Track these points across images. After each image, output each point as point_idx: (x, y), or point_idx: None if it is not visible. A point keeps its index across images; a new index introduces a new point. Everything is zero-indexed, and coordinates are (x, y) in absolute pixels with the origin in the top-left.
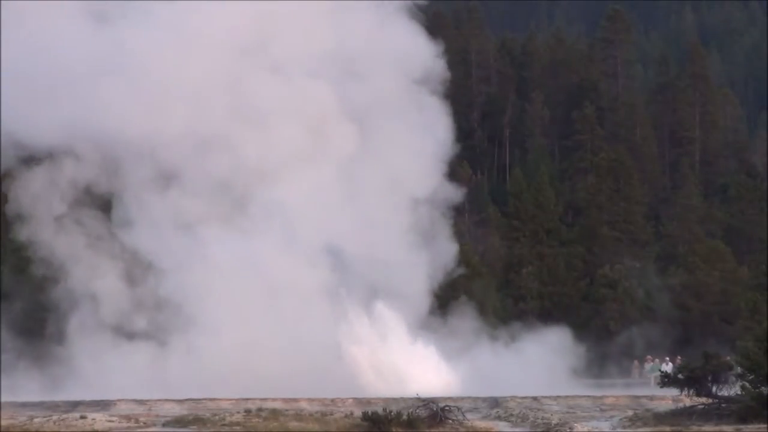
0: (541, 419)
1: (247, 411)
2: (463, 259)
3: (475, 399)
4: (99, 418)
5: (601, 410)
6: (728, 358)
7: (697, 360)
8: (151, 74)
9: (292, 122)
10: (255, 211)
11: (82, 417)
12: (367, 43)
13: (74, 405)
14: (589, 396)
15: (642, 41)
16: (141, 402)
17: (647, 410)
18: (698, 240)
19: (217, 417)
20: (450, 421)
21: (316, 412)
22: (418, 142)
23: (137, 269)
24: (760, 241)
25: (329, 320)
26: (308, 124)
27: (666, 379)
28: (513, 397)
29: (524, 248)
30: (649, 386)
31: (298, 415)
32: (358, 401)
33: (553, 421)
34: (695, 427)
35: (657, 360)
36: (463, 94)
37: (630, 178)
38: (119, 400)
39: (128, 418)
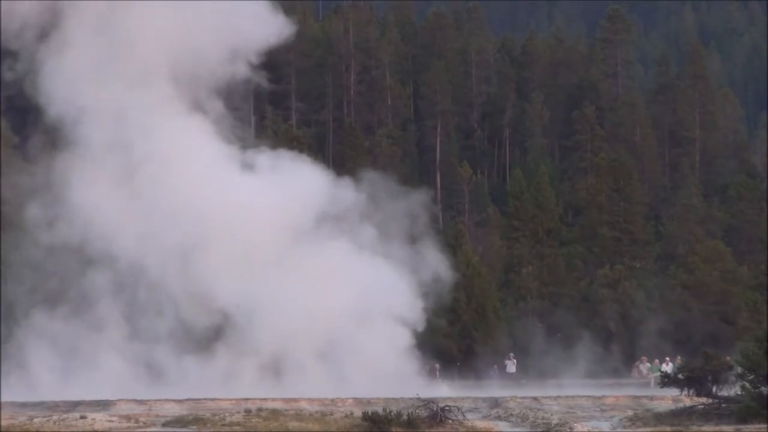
0: (541, 419)
1: (247, 411)
2: (463, 259)
3: (475, 399)
4: (99, 418)
5: (601, 410)
6: (728, 358)
7: (697, 360)
8: None
9: None
10: None
11: (82, 417)
12: None
13: (74, 405)
14: (589, 396)
15: (642, 41)
16: (141, 402)
17: (647, 410)
18: (698, 240)
19: (217, 417)
20: (450, 421)
21: (316, 412)
22: None
23: None
24: (760, 241)
25: None
26: None
27: (666, 379)
28: (513, 397)
29: (524, 248)
30: (649, 386)
31: (298, 415)
32: (358, 401)
33: (553, 421)
34: (695, 427)
35: (657, 361)
36: (463, 94)
37: (630, 178)
38: (119, 400)
39: (128, 418)
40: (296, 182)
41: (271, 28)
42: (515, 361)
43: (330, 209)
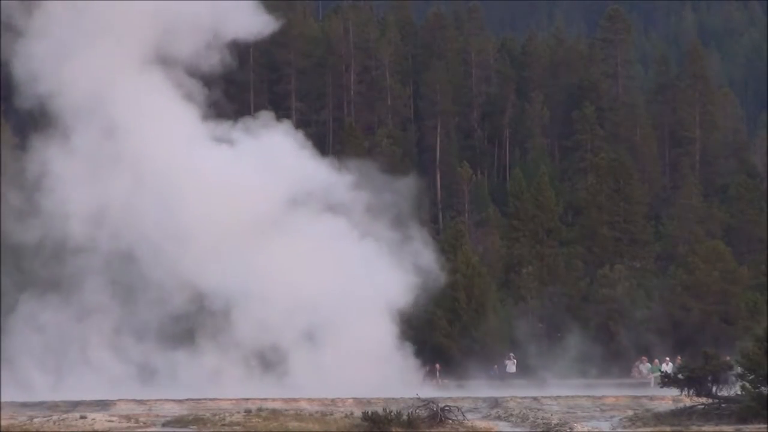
0: (541, 419)
1: (247, 411)
2: (463, 259)
3: (475, 399)
4: (99, 418)
5: (601, 410)
6: (728, 358)
7: (697, 360)
8: None
9: None
10: None
11: (82, 417)
12: None
13: (74, 405)
14: (589, 396)
15: (642, 41)
16: (141, 402)
17: (647, 410)
18: (698, 240)
19: (217, 417)
20: (450, 421)
21: (316, 412)
22: None
23: None
24: (760, 241)
25: None
26: None
27: (666, 379)
28: (513, 397)
29: (524, 248)
30: (649, 386)
31: (298, 415)
32: (358, 401)
33: (553, 421)
34: (695, 427)
35: (657, 361)
36: (463, 94)
37: (630, 178)
38: (119, 400)
39: (128, 418)
40: (277, 157)
41: (253, 23)
42: (515, 360)
43: (314, 187)
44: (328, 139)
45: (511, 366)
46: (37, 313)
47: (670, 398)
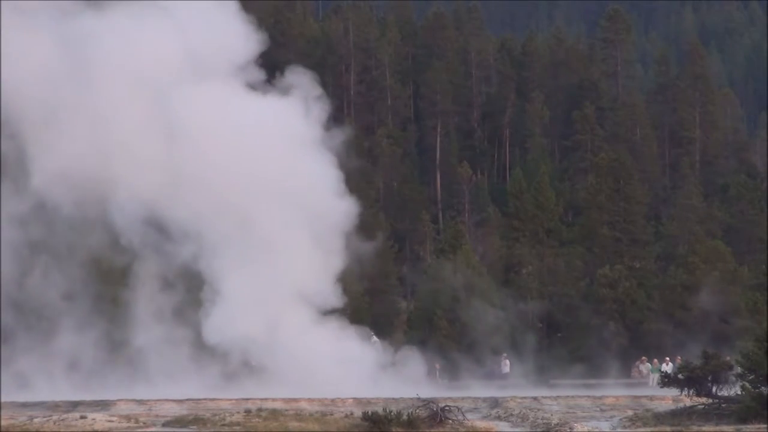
0: (541, 419)
1: (247, 411)
2: (464, 259)
3: (475, 399)
4: (99, 418)
5: (601, 410)
6: (728, 358)
7: (697, 360)
8: None
9: None
10: None
11: (82, 417)
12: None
13: (74, 405)
14: (589, 396)
15: (642, 41)
16: (141, 402)
17: (647, 410)
18: (698, 240)
19: (217, 417)
20: (450, 421)
21: (316, 412)
22: None
23: None
24: (760, 241)
25: None
26: None
27: (666, 379)
28: (513, 397)
29: (524, 248)
30: (648, 387)
31: (298, 415)
32: (358, 401)
33: (553, 421)
34: (695, 427)
35: (656, 361)
36: (463, 94)
37: (630, 178)
38: (119, 400)
39: (128, 418)
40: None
41: None
42: (508, 362)
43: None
44: None
45: (505, 367)
46: None
47: (670, 398)
